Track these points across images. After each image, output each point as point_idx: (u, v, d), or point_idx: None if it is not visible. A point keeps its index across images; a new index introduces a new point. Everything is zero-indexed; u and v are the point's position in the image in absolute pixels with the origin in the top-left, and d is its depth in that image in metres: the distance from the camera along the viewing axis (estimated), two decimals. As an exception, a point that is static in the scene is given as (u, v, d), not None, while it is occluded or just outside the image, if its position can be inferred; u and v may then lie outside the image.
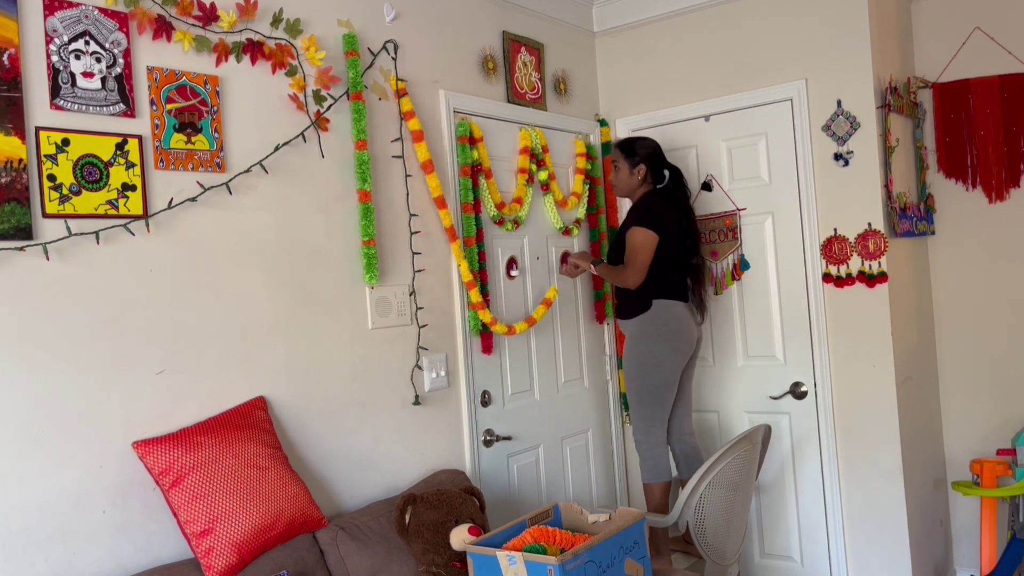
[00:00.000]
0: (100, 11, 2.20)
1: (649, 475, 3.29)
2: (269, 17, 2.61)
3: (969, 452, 3.90)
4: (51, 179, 2.08)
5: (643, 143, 3.45)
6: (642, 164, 3.40)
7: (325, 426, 2.71)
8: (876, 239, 3.42)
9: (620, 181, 3.47)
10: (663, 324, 3.27)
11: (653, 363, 3.26)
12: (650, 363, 3.26)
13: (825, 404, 3.58)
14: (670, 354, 3.27)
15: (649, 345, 3.27)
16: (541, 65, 3.74)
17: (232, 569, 2.18)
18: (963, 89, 3.84)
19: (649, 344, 3.27)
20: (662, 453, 3.30)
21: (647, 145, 3.44)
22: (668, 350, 3.26)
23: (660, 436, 3.30)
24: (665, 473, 3.29)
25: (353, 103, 2.80)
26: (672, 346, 3.27)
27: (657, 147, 3.46)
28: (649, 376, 3.26)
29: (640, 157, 3.41)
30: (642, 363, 3.28)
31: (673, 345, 3.27)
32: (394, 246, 2.98)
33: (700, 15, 3.80)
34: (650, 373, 3.26)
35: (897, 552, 3.46)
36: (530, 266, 3.60)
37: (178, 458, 2.19)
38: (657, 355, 3.27)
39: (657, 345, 3.26)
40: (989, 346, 3.87)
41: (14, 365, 2.02)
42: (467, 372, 3.23)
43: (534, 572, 2.07)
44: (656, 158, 3.43)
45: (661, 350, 3.26)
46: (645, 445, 3.29)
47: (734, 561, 3.15)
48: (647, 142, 3.46)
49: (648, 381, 3.26)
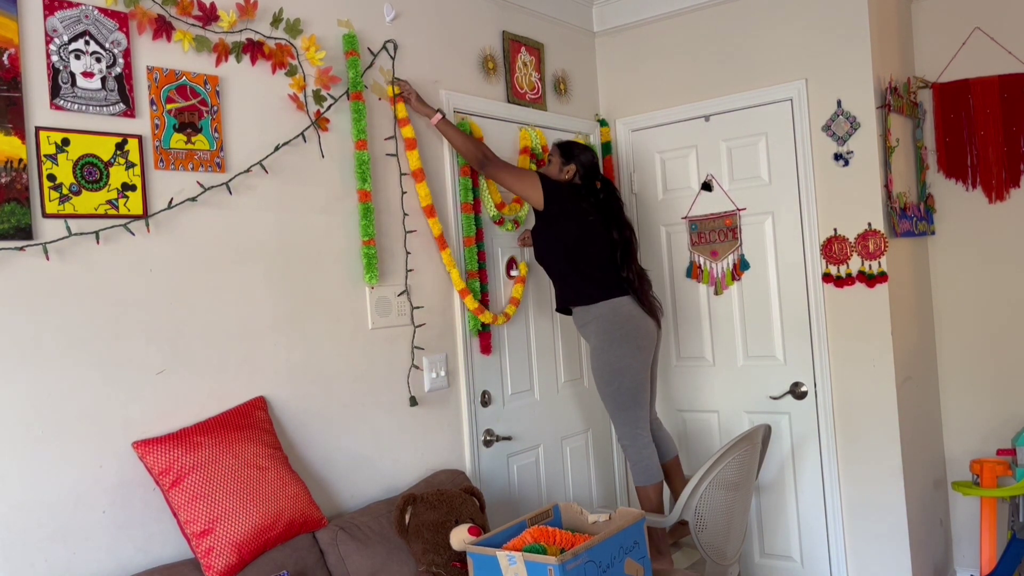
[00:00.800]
0: (100, 11, 2.20)
1: (641, 477, 3.27)
2: (269, 17, 2.61)
3: (969, 452, 3.90)
4: (51, 179, 2.08)
5: (582, 150, 3.36)
6: (573, 166, 3.30)
7: (325, 426, 2.71)
8: (876, 239, 3.42)
9: (547, 174, 3.33)
10: (619, 327, 3.20)
11: (621, 367, 3.20)
12: (618, 368, 3.21)
13: (825, 404, 3.58)
14: (635, 353, 3.21)
15: (613, 351, 3.21)
16: (541, 65, 3.74)
17: (232, 569, 2.18)
18: (963, 89, 3.84)
19: (612, 350, 3.21)
20: (650, 454, 3.26)
21: (586, 154, 3.35)
22: (632, 350, 3.20)
23: (645, 436, 3.26)
24: (656, 473, 3.27)
25: (353, 103, 2.81)
26: (635, 345, 3.20)
27: (595, 160, 3.37)
28: (621, 380, 3.21)
29: (575, 161, 3.31)
30: (611, 369, 3.21)
31: (635, 344, 3.21)
32: (394, 246, 2.98)
33: (700, 15, 3.80)
34: (621, 377, 3.21)
35: (897, 552, 3.46)
36: (530, 266, 3.60)
37: (178, 458, 2.19)
38: (623, 358, 3.20)
39: (620, 348, 3.20)
40: (989, 346, 3.87)
41: (14, 365, 2.02)
42: (467, 372, 3.23)
43: (534, 572, 2.07)
44: (591, 168, 3.34)
45: (625, 352, 3.20)
46: (633, 448, 3.26)
47: (734, 561, 3.15)
48: (587, 152, 3.36)
49: (621, 386, 3.22)
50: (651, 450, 3.27)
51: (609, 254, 3.25)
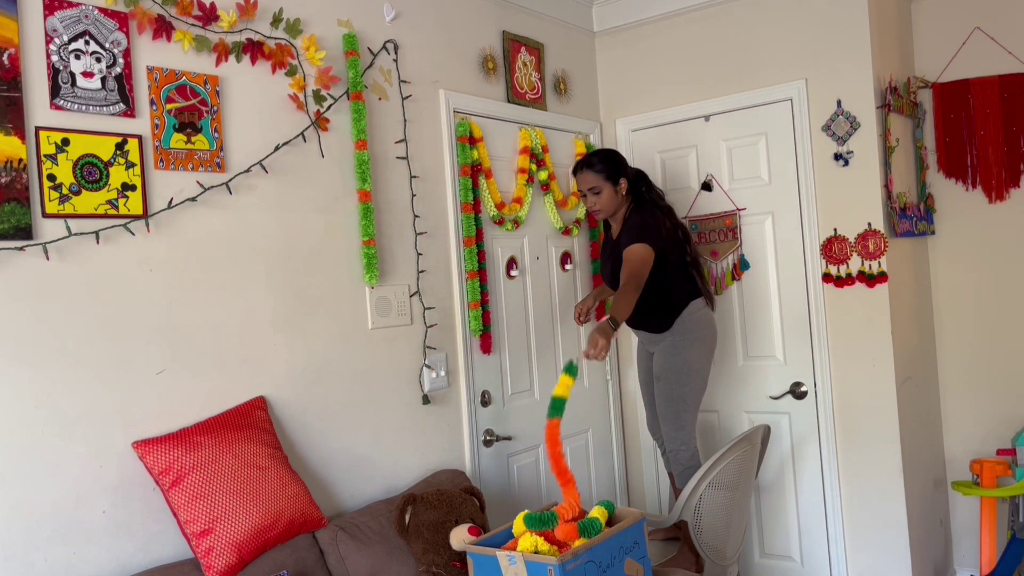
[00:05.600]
0: (100, 11, 2.20)
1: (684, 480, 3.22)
2: (269, 17, 2.61)
3: (969, 452, 3.90)
4: (51, 179, 2.08)
5: (612, 156, 3.25)
6: (624, 180, 3.20)
7: (325, 426, 2.71)
8: (876, 239, 3.42)
9: (605, 203, 3.20)
10: (698, 329, 3.20)
11: (696, 369, 3.19)
12: (694, 370, 3.18)
13: (825, 404, 3.58)
14: (707, 356, 3.22)
15: (691, 352, 3.18)
16: (541, 65, 3.74)
17: (232, 569, 2.18)
18: (963, 89, 3.84)
19: (690, 351, 3.18)
20: (698, 462, 3.20)
21: (619, 158, 3.26)
22: (706, 352, 3.21)
23: (695, 442, 3.24)
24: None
25: (353, 103, 2.81)
26: (708, 347, 3.23)
27: (619, 153, 3.31)
28: (694, 383, 3.19)
29: (620, 172, 3.20)
30: (687, 370, 3.18)
31: (709, 347, 3.23)
32: (394, 246, 2.98)
33: (700, 15, 3.80)
34: (694, 380, 3.19)
35: (897, 552, 3.46)
36: (530, 266, 3.60)
37: (178, 458, 2.19)
38: (700, 361, 3.20)
39: (698, 351, 3.19)
40: (989, 346, 3.87)
41: (14, 365, 2.02)
42: (467, 372, 3.23)
43: (534, 572, 2.07)
44: (625, 163, 3.26)
45: (701, 355, 3.20)
46: (686, 453, 3.20)
47: (734, 561, 3.15)
48: (613, 153, 3.28)
49: (693, 388, 3.18)
50: (699, 459, 3.21)
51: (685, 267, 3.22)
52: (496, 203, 3.38)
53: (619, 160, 3.25)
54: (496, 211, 3.39)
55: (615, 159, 3.24)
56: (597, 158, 3.23)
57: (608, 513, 2.30)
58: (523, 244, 3.58)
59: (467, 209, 3.24)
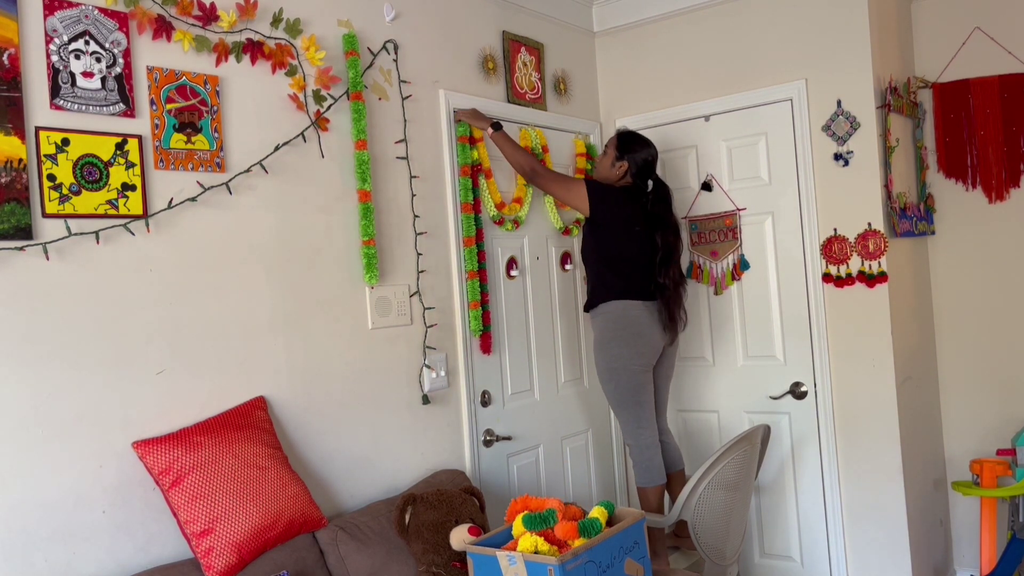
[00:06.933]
0: (100, 11, 2.20)
1: (643, 478, 3.26)
2: (269, 17, 2.61)
3: (969, 452, 3.90)
4: (51, 179, 2.08)
5: (642, 146, 3.34)
6: (626, 163, 3.31)
7: (325, 426, 2.71)
8: (876, 239, 3.42)
9: (600, 165, 3.41)
10: (622, 328, 3.20)
11: (619, 366, 3.19)
12: (616, 366, 3.20)
13: (825, 404, 3.58)
14: (632, 356, 3.20)
15: (612, 348, 3.21)
16: (541, 65, 3.74)
17: (232, 569, 2.18)
18: (963, 89, 3.84)
19: (611, 347, 3.21)
20: (653, 455, 3.24)
21: (643, 151, 3.33)
22: (631, 353, 3.20)
23: (650, 437, 3.24)
24: (658, 476, 3.26)
25: (353, 103, 2.80)
26: (634, 350, 3.20)
27: (651, 158, 3.35)
28: (619, 379, 3.20)
29: (628, 157, 3.30)
30: (609, 367, 3.22)
31: (635, 350, 3.20)
32: (394, 246, 2.98)
33: (700, 15, 3.80)
34: (619, 375, 3.20)
35: (897, 552, 3.46)
36: (530, 266, 3.60)
37: (178, 458, 2.19)
38: (621, 358, 3.20)
39: (619, 348, 3.20)
40: (989, 346, 3.87)
41: (14, 365, 2.02)
42: (467, 372, 3.23)
43: (534, 572, 2.07)
44: (646, 167, 3.32)
45: (624, 353, 3.20)
46: (636, 448, 3.25)
47: (733, 561, 3.15)
48: (646, 149, 3.34)
49: (619, 384, 3.20)
50: (654, 451, 3.25)
51: (649, 259, 3.26)
52: (496, 203, 3.38)
53: (634, 144, 3.35)
54: (496, 211, 3.39)
55: (632, 140, 3.37)
56: (625, 132, 3.43)
57: (608, 513, 2.30)
58: (523, 244, 3.58)
59: (467, 209, 3.24)
